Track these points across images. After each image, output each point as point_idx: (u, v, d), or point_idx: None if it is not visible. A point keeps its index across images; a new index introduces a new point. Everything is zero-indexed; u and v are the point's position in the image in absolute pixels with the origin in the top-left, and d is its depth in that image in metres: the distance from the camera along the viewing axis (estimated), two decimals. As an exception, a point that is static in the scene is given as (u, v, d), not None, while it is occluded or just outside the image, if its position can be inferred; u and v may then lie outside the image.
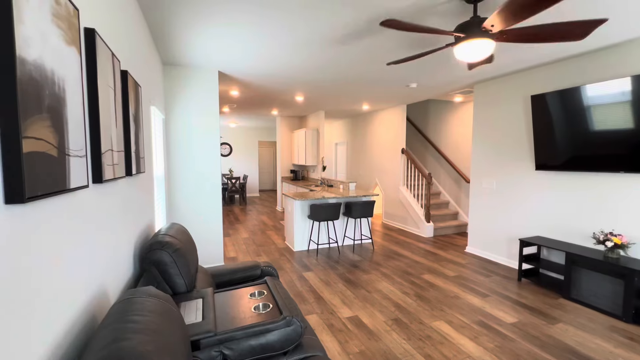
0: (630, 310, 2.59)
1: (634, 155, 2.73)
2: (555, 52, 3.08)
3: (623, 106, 2.76)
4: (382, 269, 3.91)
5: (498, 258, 4.16)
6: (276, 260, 4.28)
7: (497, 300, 3.05)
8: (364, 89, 4.74)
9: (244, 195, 9.65)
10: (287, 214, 5.07)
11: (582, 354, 2.22)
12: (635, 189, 2.82)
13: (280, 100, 5.77)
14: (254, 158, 11.41)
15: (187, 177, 3.70)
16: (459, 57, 2.11)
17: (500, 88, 4.07)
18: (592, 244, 3.13)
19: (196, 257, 2.18)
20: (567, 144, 3.22)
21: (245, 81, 4.27)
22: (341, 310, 2.87)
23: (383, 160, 6.82)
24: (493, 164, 4.20)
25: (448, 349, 2.28)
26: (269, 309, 1.61)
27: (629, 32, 2.57)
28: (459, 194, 6.10)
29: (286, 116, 8.12)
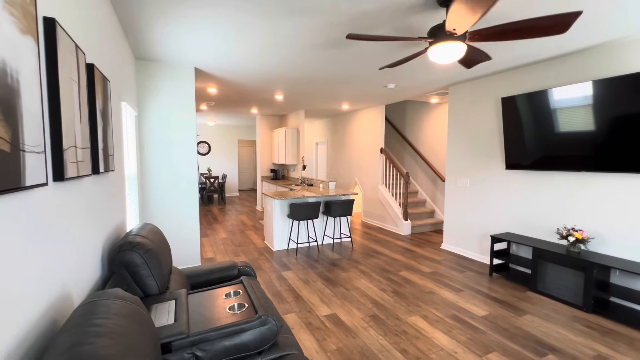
0: (589, 300, 2.77)
1: (595, 155, 2.91)
2: (525, 56, 3.23)
3: (585, 109, 2.93)
4: (360, 267, 3.96)
5: (471, 254, 4.32)
6: (255, 260, 4.23)
7: (470, 294, 3.17)
8: (343, 89, 4.78)
9: (223, 195, 9.48)
10: (267, 213, 5.03)
11: (547, 343, 2.34)
12: (595, 187, 3.01)
13: (259, 99, 5.71)
14: (234, 157, 11.22)
15: (161, 176, 3.58)
16: (433, 59, 2.17)
17: (473, 90, 4.22)
18: (557, 239, 3.31)
19: (170, 258, 2.12)
20: (535, 144, 3.39)
21: (224, 78, 4.19)
22: (320, 308, 2.88)
23: (362, 160, 6.90)
24: (467, 163, 4.35)
25: (423, 343, 2.34)
26: (245, 309, 1.59)
27: (590, 39, 2.74)
28: (435, 193, 6.27)
29: (266, 115, 8.05)
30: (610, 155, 2.80)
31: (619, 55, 2.80)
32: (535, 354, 2.21)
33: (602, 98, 2.80)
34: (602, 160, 2.86)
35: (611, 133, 2.78)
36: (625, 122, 2.68)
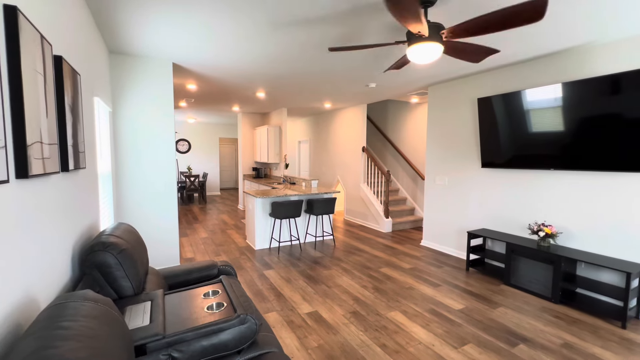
0: (557, 292, 2.91)
1: (563, 154, 3.06)
2: (501, 58, 3.34)
3: (555, 111, 3.08)
4: (342, 264, 3.99)
5: (449, 250, 4.44)
6: (236, 260, 4.18)
7: (448, 289, 3.26)
8: (325, 87, 4.78)
9: (204, 194, 9.29)
10: (248, 212, 4.97)
11: (518, 334, 2.45)
12: (563, 184, 3.17)
13: (241, 96, 5.63)
14: (215, 155, 11.02)
15: (138, 175, 3.47)
16: (413, 60, 2.21)
17: (451, 91, 4.34)
18: (528, 234, 3.47)
19: (146, 258, 2.06)
20: (509, 144, 3.52)
21: (203, 75, 4.10)
22: (301, 306, 2.88)
23: (345, 158, 6.95)
24: (445, 162, 4.47)
25: (402, 337, 2.39)
26: (223, 308, 1.57)
27: (560, 43, 2.87)
28: (416, 191, 6.40)
29: (248, 113, 7.95)
30: (577, 155, 2.96)
31: (586, 59, 2.95)
32: (508, 344, 2.31)
33: (570, 100, 2.94)
34: (569, 159, 3.01)
35: (578, 134, 2.93)
36: (590, 124, 2.84)
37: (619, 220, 2.80)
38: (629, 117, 2.60)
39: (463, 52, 2.33)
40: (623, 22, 2.40)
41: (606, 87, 2.71)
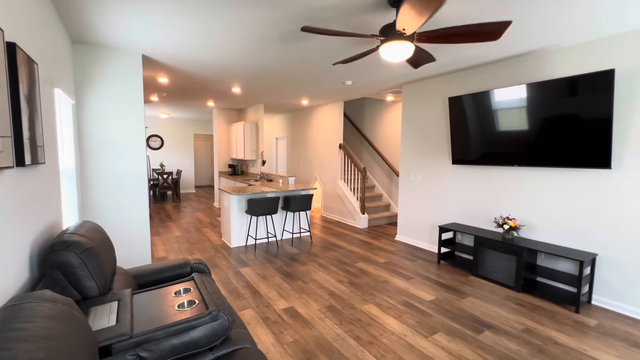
0: (520, 281, 3.10)
1: (527, 152, 3.24)
2: (471, 59, 3.48)
3: (521, 110, 3.24)
4: (319, 260, 4.03)
5: (422, 244, 4.60)
6: (211, 258, 4.10)
7: (420, 281, 3.38)
8: (301, 84, 4.77)
9: (178, 192, 9.02)
10: (224, 209, 4.89)
11: (484, 321, 2.59)
12: (526, 179, 3.36)
13: (215, 91, 5.50)
14: (189, 152, 10.70)
15: (105, 171, 3.31)
16: (384, 57, 2.26)
17: (424, 89, 4.46)
18: (494, 227, 3.65)
19: (113, 257, 1.98)
20: (478, 142, 3.68)
21: (175, 68, 3.97)
22: (277, 302, 2.89)
23: (322, 155, 6.98)
24: (418, 159, 4.61)
25: (375, 329, 2.46)
26: (195, 305, 1.54)
27: (524, 46, 3.03)
28: (391, 187, 6.55)
29: (223, 108, 7.78)
30: (539, 152, 3.14)
31: (548, 62, 3.14)
32: (474, 331, 2.43)
33: (533, 101, 3.12)
34: (532, 157, 3.20)
35: (540, 132, 3.11)
36: (550, 123, 3.02)
37: (573, 212, 3.01)
38: (584, 117, 2.79)
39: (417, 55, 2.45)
40: (578, 28, 2.58)
41: (564, 89, 2.90)
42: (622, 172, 2.71)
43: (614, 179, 2.76)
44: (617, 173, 2.74)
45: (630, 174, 2.67)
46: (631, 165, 2.66)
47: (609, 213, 2.80)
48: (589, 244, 2.93)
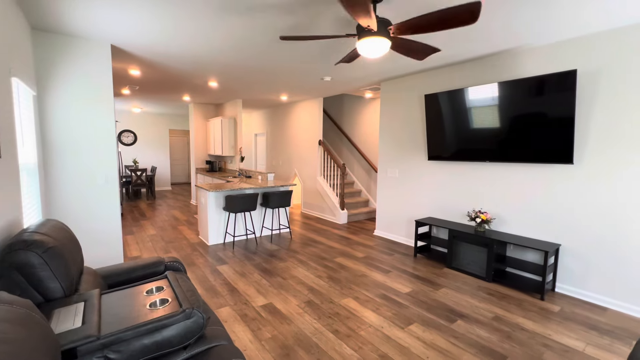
0: (491, 272, 3.24)
1: (498, 149, 3.37)
2: (446, 57, 3.57)
3: (493, 109, 3.36)
4: (298, 256, 4.03)
5: (400, 238, 4.70)
6: (188, 256, 4.00)
7: (397, 274, 3.46)
8: (280, 79, 4.72)
9: (152, 189, 8.71)
10: (201, 206, 4.78)
11: (457, 311, 2.69)
12: (497, 174, 3.51)
13: (191, 85, 5.34)
14: (164, 148, 10.35)
15: (72, 167, 3.14)
16: (362, 53, 2.27)
17: (402, 87, 4.54)
18: (467, 221, 3.79)
19: (80, 257, 1.89)
20: (453, 138, 3.79)
21: (148, 60, 3.81)
22: (256, 299, 2.86)
23: (302, 152, 6.96)
24: (396, 155, 4.69)
25: (353, 322, 2.49)
26: (168, 304, 1.50)
27: (496, 45, 3.14)
28: (370, 183, 6.64)
29: (200, 103, 7.57)
30: (509, 149, 3.28)
31: (518, 62, 3.27)
32: (448, 321, 2.52)
33: (504, 99, 3.25)
34: (503, 153, 3.34)
35: (510, 130, 3.25)
36: (520, 121, 3.16)
37: (540, 205, 3.18)
38: (549, 116, 2.94)
39: (409, 49, 2.44)
40: (544, 29, 2.70)
41: (531, 88, 3.03)
42: (582, 168, 2.89)
43: (576, 174, 2.93)
44: (578, 168, 2.91)
45: (590, 169, 2.84)
46: (590, 161, 2.83)
47: (571, 206, 2.97)
48: (554, 235, 3.10)
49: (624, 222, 2.68)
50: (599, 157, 2.79)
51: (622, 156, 2.67)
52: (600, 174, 2.79)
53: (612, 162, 2.72)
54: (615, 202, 2.72)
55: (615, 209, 2.72)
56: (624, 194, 2.67)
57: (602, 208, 2.79)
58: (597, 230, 2.82)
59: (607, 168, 2.75)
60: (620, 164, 2.68)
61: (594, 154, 2.81)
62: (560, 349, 2.19)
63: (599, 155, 2.78)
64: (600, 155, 2.78)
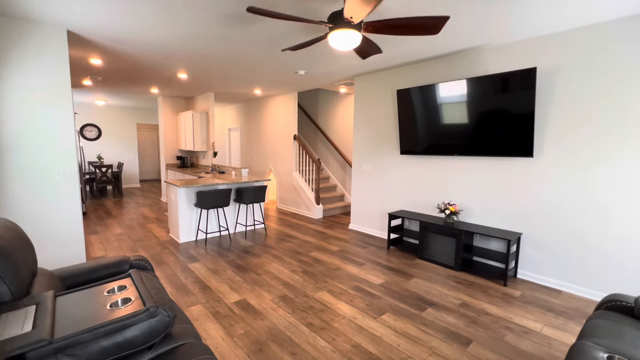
0: (459, 261, 3.38)
1: (467, 143, 3.50)
2: (417, 53, 3.64)
3: (461, 105, 3.47)
4: (273, 252, 3.99)
5: (374, 231, 4.78)
6: (157, 255, 3.85)
7: (370, 266, 3.52)
8: (253, 72, 4.62)
9: (119, 186, 8.29)
10: (171, 203, 4.60)
11: (427, 299, 2.78)
12: (465, 168, 3.65)
13: (159, 77, 5.10)
14: (132, 143, 9.85)
15: (24, 163, 2.91)
16: (333, 45, 2.26)
17: (375, 82, 4.59)
18: (437, 212, 3.92)
19: (32, 258, 1.75)
20: (425, 133, 3.89)
21: (110, 48, 3.59)
22: (228, 296, 2.81)
23: (277, 147, 6.88)
24: (370, 149, 4.75)
25: (327, 315, 2.51)
26: (131, 303, 1.43)
27: (462, 43, 3.24)
28: (345, 178, 6.70)
29: (169, 96, 7.26)
30: (476, 143, 3.42)
31: (485, 59, 3.40)
32: (418, 309, 2.60)
33: (472, 96, 3.37)
34: (470, 147, 3.47)
35: (478, 125, 3.38)
36: (486, 116, 3.29)
37: (503, 196, 3.35)
38: (512, 111, 3.08)
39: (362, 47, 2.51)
40: (507, 28, 2.82)
41: (496, 84, 3.16)
42: (541, 160, 3.06)
43: (535, 166, 3.11)
44: (537, 161, 3.09)
45: (547, 161, 3.02)
46: (548, 154, 3.01)
47: (531, 196, 3.15)
48: (516, 224, 3.28)
49: (576, 211, 2.88)
50: (556, 151, 2.97)
51: (574, 149, 2.86)
52: (557, 166, 2.97)
53: (567, 155, 2.90)
54: (569, 193, 2.91)
55: (569, 198, 2.92)
56: (576, 185, 2.87)
57: (557, 198, 2.98)
58: (553, 219, 3.02)
59: (562, 160, 2.94)
60: (573, 156, 2.87)
61: (551, 147, 2.99)
62: (521, 330, 2.33)
63: (556, 148, 2.97)
64: (556, 148, 2.96)
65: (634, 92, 2.54)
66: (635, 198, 2.58)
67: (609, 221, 2.71)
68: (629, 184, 2.60)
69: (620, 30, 2.58)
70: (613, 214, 2.69)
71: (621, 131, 2.62)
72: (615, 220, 2.68)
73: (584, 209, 2.84)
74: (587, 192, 2.82)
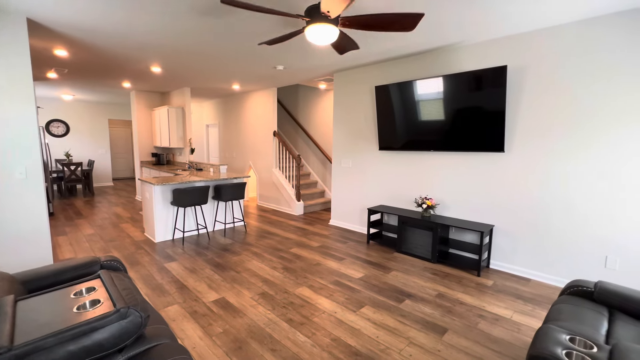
0: (435, 253, 3.48)
1: (442, 139, 3.59)
2: (395, 50, 3.68)
3: (438, 102, 3.55)
4: (253, 249, 3.95)
5: (354, 227, 4.83)
6: (131, 255, 3.72)
7: (350, 261, 3.56)
8: (229, 66, 4.52)
9: (90, 185, 7.92)
10: (146, 201, 4.45)
11: (405, 291, 2.85)
12: (441, 163, 3.74)
13: (132, 70, 4.89)
14: (104, 140, 9.41)
15: (-20, 160, 2.71)
16: (310, 39, 2.25)
17: (354, 78, 4.61)
18: (415, 207, 4.02)
19: (-9, 261, 1.64)
20: (403, 129, 3.95)
21: (76, 39, 3.39)
22: (207, 295, 2.76)
23: (256, 143, 6.79)
24: (349, 145, 4.78)
25: (307, 310, 2.52)
26: (99, 305, 1.37)
27: (438, 40, 3.31)
28: (325, 174, 6.71)
29: (143, 91, 6.98)
30: (452, 139, 3.51)
31: (460, 57, 3.49)
32: (396, 301, 2.66)
33: (449, 92, 3.45)
34: (447, 143, 3.56)
35: (454, 121, 3.47)
36: (461, 113, 3.39)
37: (477, 190, 3.47)
38: (486, 108, 3.19)
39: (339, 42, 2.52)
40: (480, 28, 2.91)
41: (471, 82, 3.26)
42: (512, 155, 3.19)
43: (506, 161, 3.24)
44: (508, 156, 3.22)
45: (517, 156, 3.15)
46: (518, 149, 3.15)
47: (502, 189, 3.28)
48: (489, 216, 3.41)
49: (543, 203, 3.03)
50: (525, 146, 3.10)
51: (542, 145, 3.00)
52: (525, 161, 3.11)
53: (535, 150, 3.04)
54: (537, 186, 3.06)
55: (536, 191, 3.06)
56: (544, 178, 3.01)
57: (526, 191, 3.13)
58: (523, 210, 3.16)
59: (531, 156, 3.07)
60: (541, 151, 3.01)
61: (521, 143, 3.12)
62: (492, 318, 2.44)
63: (525, 144, 3.10)
64: (525, 144, 3.10)
65: (598, 92, 2.69)
66: (597, 192, 2.75)
67: (572, 213, 2.88)
68: (592, 179, 2.76)
69: (584, 32, 2.71)
70: (576, 206, 2.85)
71: (586, 129, 2.77)
72: (578, 211, 2.85)
73: (550, 202, 2.99)
74: (552, 185, 2.97)
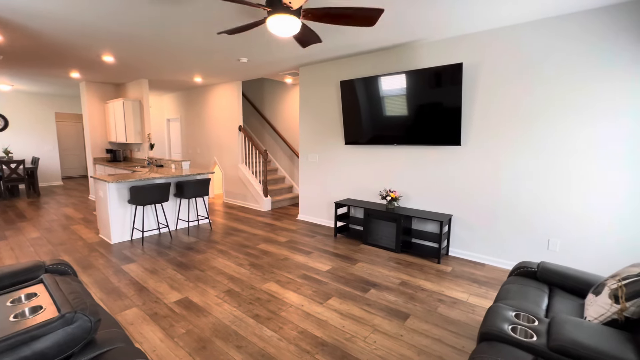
0: (399, 243, 3.61)
1: (406, 134, 3.70)
2: (358, 45, 3.72)
3: (401, 98, 3.65)
4: (218, 247, 3.85)
5: (322, 220, 4.87)
6: (84, 258, 3.46)
7: (318, 254, 3.59)
8: (189, 57, 4.32)
9: (35, 185, 7.24)
10: (100, 201, 4.15)
11: (370, 281, 2.93)
12: (403, 157, 3.87)
13: (80, 59, 4.50)
14: (50, 135, 8.61)
15: None
16: (272, 30, 2.20)
17: (319, 72, 4.61)
18: (379, 199, 4.13)
19: None
20: (368, 124, 4.02)
21: (10, 21, 3.05)
22: (168, 295, 2.64)
23: (221, 138, 6.59)
24: (316, 140, 4.79)
25: (274, 305, 2.51)
26: (41, 312, 1.27)
27: (400, 37, 3.40)
28: (293, 169, 6.69)
29: (94, 82, 6.48)
30: (414, 133, 3.64)
31: (420, 54, 3.61)
32: (362, 291, 2.73)
33: (411, 87, 3.56)
34: (409, 137, 3.68)
35: (416, 116, 3.59)
36: (422, 108, 3.52)
37: (437, 182, 3.64)
38: (444, 104, 3.34)
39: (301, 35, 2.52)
40: (438, 26, 3.03)
41: (431, 78, 3.39)
42: (467, 148, 3.38)
43: (462, 154, 3.42)
44: (464, 149, 3.41)
45: (472, 149, 3.35)
46: (473, 142, 3.34)
47: (459, 180, 3.47)
48: (448, 207, 3.59)
49: (496, 193, 3.25)
50: (479, 140, 3.30)
51: (495, 138, 3.21)
52: (480, 154, 3.31)
53: (489, 143, 3.25)
54: (491, 177, 3.27)
55: (490, 182, 3.28)
56: (496, 170, 3.23)
57: (481, 182, 3.33)
58: (477, 200, 3.37)
59: (485, 149, 3.28)
60: (494, 145, 3.22)
61: (476, 137, 3.32)
62: (451, 301, 2.58)
63: (479, 138, 3.30)
64: (479, 138, 3.30)
65: (547, 90, 2.92)
66: (543, 182, 3.00)
67: (521, 201, 3.12)
68: (540, 170, 3.01)
69: (532, 32, 2.93)
70: (524, 195, 3.10)
71: (536, 124, 2.99)
72: (526, 200, 3.09)
73: (502, 192, 3.21)
74: (504, 176, 3.19)
